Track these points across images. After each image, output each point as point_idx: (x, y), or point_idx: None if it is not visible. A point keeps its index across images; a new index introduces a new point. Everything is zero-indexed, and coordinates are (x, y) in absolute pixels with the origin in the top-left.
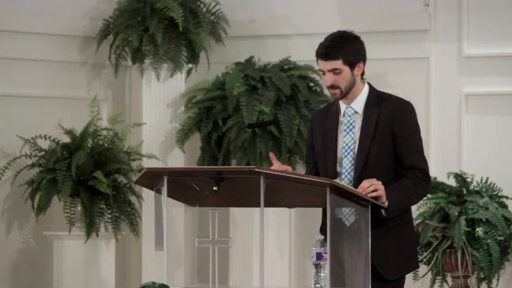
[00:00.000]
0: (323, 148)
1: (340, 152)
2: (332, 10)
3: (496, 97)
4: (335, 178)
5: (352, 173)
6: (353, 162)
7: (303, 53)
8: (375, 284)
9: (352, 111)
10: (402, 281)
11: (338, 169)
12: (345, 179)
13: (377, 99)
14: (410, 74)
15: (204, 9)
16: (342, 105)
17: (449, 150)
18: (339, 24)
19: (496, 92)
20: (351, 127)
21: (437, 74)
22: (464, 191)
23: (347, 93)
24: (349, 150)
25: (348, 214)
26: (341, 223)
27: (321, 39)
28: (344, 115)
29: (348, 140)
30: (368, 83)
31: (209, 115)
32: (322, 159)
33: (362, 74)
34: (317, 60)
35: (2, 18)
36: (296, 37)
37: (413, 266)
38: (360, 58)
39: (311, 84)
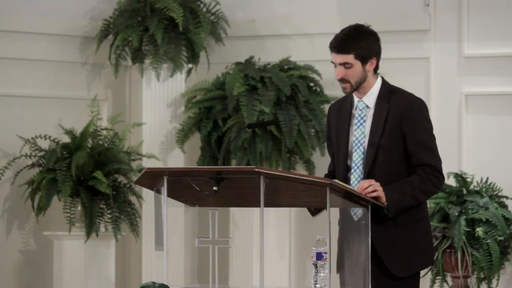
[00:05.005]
0: (337, 141)
1: (350, 145)
2: (332, 10)
3: (496, 97)
4: (347, 171)
5: (361, 167)
6: (362, 156)
7: (303, 53)
8: (388, 281)
9: (364, 105)
10: (416, 278)
11: (349, 162)
12: (354, 174)
13: (388, 94)
14: (410, 74)
15: (204, 9)
16: (355, 97)
17: (449, 150)
18: (339, 24)
19: (496, 92)
20: (361, 121)
21: (437, 74)
22: (464, 191)
23: (357, 87)
24: (359, 145)
25: (356, 208)
26: (351, 219)
27: (321, 39)
28: (356, 108)
29: (358, 134)
30: (382, 77)
31: (209, 115)
32: (336, 152)
33: (376, 69)
34: (330, 51)
35: (2, 18)
36: (296, 37)
37: (426, 263)
38: (373, 54)
39: (311, 84)
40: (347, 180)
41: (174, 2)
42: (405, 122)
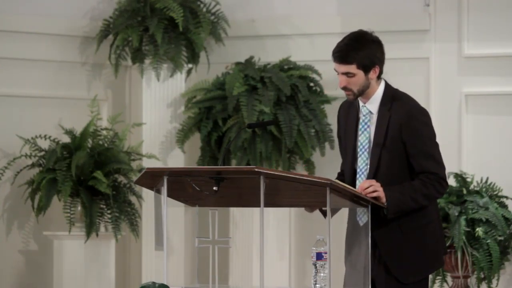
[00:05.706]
0: (345, 142)
1: (356, 150)
2: (332, 10)
3: (496, 97)
4: (354, 175)
5: (365, 173)
6: (367, 162)
7: (303, 53)
8: (395, 286)
9: (367, 111)
10: (424, 281)
11: (355, 166)
12: (359, 179)
13: (390, 101)
14: (410, 74)
15: (204, 9)
16: (360, 102)
17: (449, 150)
18: (339, 24)
19: (496, 92)
20: (366, 126)
21: (437, 74)
22: (464, 191)
23: (360, 95)
24: (363, 150)
25: (361, 213)
26: (357, 223)
27: (321, 39)
28: (361, 112)
29: (363, 139)
30: (385, 81)
31: (209, 115)
32: (344, 154)
33: (380, 74)
34: (333, 60)
35: (2, 18)
36: (296, 37)
37: (434, 267)
38: (376, 61)
39: (311, 84)
40: (354, 183)
41: (174, 2)
42: (404, 131)
